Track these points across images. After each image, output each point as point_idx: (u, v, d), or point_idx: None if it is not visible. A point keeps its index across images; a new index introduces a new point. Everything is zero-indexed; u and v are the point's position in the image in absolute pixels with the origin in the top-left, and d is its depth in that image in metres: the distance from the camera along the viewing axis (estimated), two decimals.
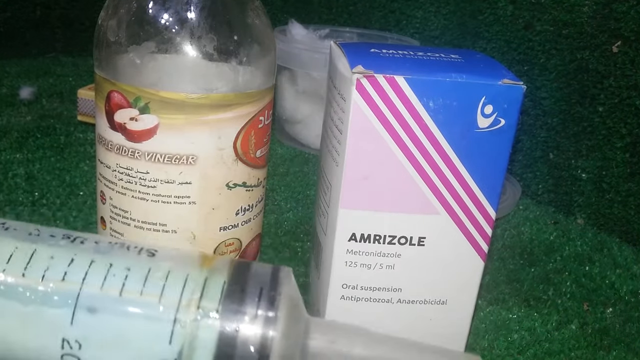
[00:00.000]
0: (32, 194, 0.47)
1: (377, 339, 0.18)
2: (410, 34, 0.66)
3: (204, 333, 0.16)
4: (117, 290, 0.17)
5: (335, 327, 0.18)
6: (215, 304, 0.17)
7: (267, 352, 0.16)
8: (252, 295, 0.17)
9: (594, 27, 0.50)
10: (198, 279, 0.17)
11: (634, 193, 0.49)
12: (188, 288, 0.17)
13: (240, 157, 0.29)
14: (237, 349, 0.16)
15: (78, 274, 0.17)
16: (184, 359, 0.16)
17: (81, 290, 0.17)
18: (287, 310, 0.17)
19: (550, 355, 0.35)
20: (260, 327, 0.16)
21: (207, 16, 0.26)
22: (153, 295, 0.17)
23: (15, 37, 0.83)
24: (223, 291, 0.17)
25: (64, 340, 0.16)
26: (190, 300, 0.17)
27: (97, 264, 0.17)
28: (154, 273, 0.17)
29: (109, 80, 0.27)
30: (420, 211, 0.28)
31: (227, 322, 0.16)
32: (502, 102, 0.26)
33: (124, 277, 0.17)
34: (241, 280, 0.17)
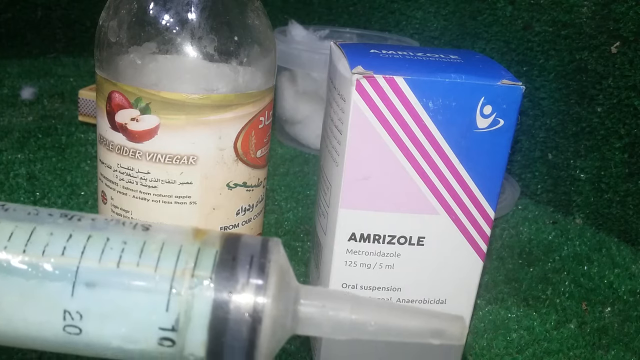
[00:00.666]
0: (33, 194, 0.47)
1: (365, 303, 0.19)
2: (410, 34, 0.66)
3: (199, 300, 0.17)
4: (115, 262, 0.17)
5: (324, 293, 0.19)
6: (209, 273, 0.17)
7: (260, 316, 0.17)
8: (243, 263, 0.18)
9: (592, 27, 0.50)
10: (191, 249, 0.18)
11: (632, 193, 0.49)
12: (182, 258, 0.18)
13: (241, 157, 0.29)
14: (230, 314, 0.17)
15: (76, 249, 0.17)
16: (181, 325, 0.17)
17: (80, 263, 0.17)
18: (277, 276, 0.18)
19: (549, 355, 0.35)
20: (252, 293, 0.17)
21: (208, 17, 0.27)
22: (149, 267, 0.17)
23: (16, 38, 0.83)
24: (215, 260, 0.18)
25: (66, 311, 0.17)
26: (185, 270, 0.17)
27: (94, 239, 0.18)
28: (149, 245, 0.18)
29: (110, 80, 0.27)
30: (419, 211, 0.28)
31: (221, 289, 0.17)
32: (501, 102, 0.27)
33: (120, 250, 0.18)
34: (232, 250, 0.18)
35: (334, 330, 0.19)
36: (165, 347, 0.17)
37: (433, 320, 0.19)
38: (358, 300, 0.19)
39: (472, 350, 0.35)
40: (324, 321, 0.19)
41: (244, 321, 0.17)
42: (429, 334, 0.19)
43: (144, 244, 0.18)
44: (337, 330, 0.19)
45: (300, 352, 0.34)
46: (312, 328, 0.19)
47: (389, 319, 0.19)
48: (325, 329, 0.19)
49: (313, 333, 0.19)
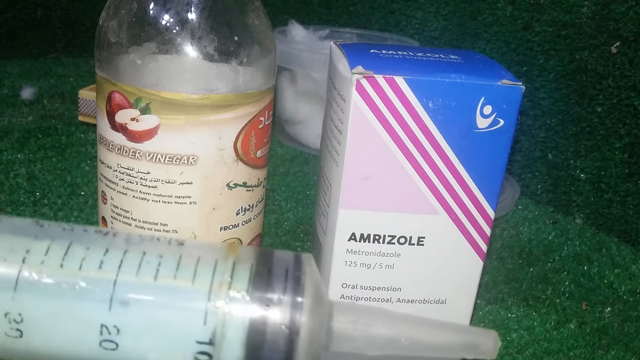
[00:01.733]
0: (33, 194, 0.47)
1: (397, 318, 0.19)
2: (410, 34, 0.66)
3: (236, 313, 0.17)
4: (152, 276, 0.17)
5: (357, 309, 0.19)
6: (245, 285, 0.17)
7: (297, 329, 0.17)
8: (279, 276, 0.18)
9: (592, 27, 0.50)
10: (227, 263, 0.18)
11: (632, 193, 0.49)
12: (218, 272, 0.18)
13: (241, 157, 0.29)
14: (268, 327, 0.17)
15: (114, 263, 0.17)
16: (218, 338, 0.17)
17: (117, 277, 0.17)
18: (312, 290, 0.18)
19: (549, 355, 0.35)
20: (289, 306, 0.17)
21: (208, 17, 0.27)
22: (186, 280, 0.17)
23: (16, 38, 0.83)
24: (251, 274, 0.18)
25: (103, 326, 0.17)
26: (222, 283, 0.17)
27: (130, 253, 0.18)
28: (185, 259, 0.18)
29: (110, 80, 0.27)
30: (419, 211, 0.28)
31: (257, 301, 0.17)
32: (501, 102, 0.27)
33: (157, 264, 0.18)
34: (267, 263, 0.18)
35: (368, 345, 0.18)
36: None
37: (466, 334, 0.19)
38: (391, 315, 0.19)
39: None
40: (358, 336, 0.18)
41: (281, 334, 0.17)
42: (462, 348, 0.19)
43: (180, 257, 0.18)
44: (371, 346, 0.18)
45: None
46: (346, 343, 0.19)
47: (421, 334, 0.19)
48: (359, 344, 0.18)
49: (347, 349, 0.19)
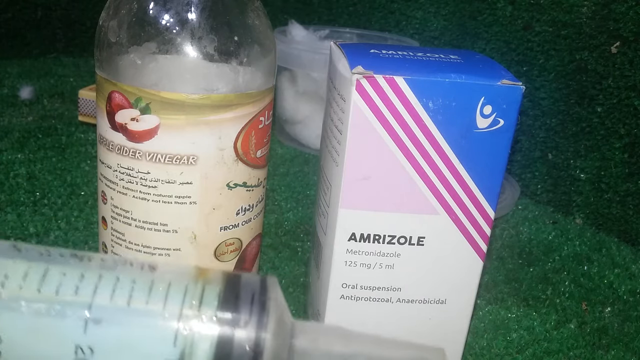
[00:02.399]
0: (33, 194, 0.47)
1: (354, 336, 0.20)
2: (410, 34, 0.66)
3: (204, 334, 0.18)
4: (125, 300, 0.19)
5: (317, 328, 0.20)
6: (213, 310, 0.19)
7: (261, 350, 0.18)
8: (246, 301, 0.19)
9: (592, 27, 0.50)
10: (196, 288, 0.19)
11: (632, 193, 0.49)
12: (188, 296, 0.19)
13: (241, 157, 0.29)
14: (234, 348, 0.18)
15: (89, 288, 0.19)
16: (186, 357, 0.18)
17: (93, 301, 0.18)
18: (276, 313, 0.19)
19: (549, 355, 0.35)
20: (254, 328, 0.19)
21: (208, 17, 0.27)
22: (158, 304, 0.19)
23: (16, 38, 0.83)
24: (220, 298, 0.19)
25: (77, 347, 0.18)
26: (191, 307, 0.19)
27: (105, 279, 0.19)
28: (156, 284, 0.19)
29: (110, 80, 0.27)
30: (419, 211, 0.28)
31: (225, 324, 0.18)
32: (501, 102, 0.27)
33: (130, 289, 0.19)
34: (234, 288, 0.19)
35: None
36: None
37: (416, 351, 0.21)
38: (348, 334, 0.20)
39: (472, 350, 0.35)
40: (317, 354, 0.20)
41: (246, 354, 0.18)
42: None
43: (152, 282, 0.19)
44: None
45: None
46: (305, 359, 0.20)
47: (376, 350, 0.20)
48: None
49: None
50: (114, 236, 0.29)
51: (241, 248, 0.30)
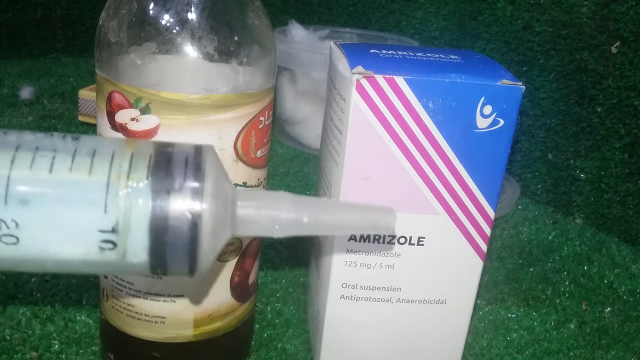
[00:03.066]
0: None
1: (301, 201, 0.19)
2: (410, 34, 0.66)
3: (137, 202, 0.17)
4: (47, 170, 0.17)
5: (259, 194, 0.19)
6: (144, 174, 0.17)
7: (200, 213, 0.17)
8: (179, 164, 0.18)
9: (592, 27, 0.50)
10: (124, 154, 0.18)
11: (632, 193, 0.49)
12: (116, 162, 0.18)
13: (241, 157, 0.29)
14: (170, 213, 0.17)
15: (5, 159, 0.17)
16: (121, 227, 0.17)
17: (11, 172, 0.17)
18: (213, 176, 0.18)
19: (549, 355, 0.35)
20: (190, 191, 0.17)
21: (208, 17, 0.27)
22: (82, 171, 0.17)
23: (16, 38, 0.83)
24: (150, 163, 0.18)
25: (1, 220, 0.17)
26: (120, 173, 0.17)
27: (23, 149, 0.18)
28: (80, 152, 0.18)
29: (110, 80, 0.27)
30: (419, 211, 0.28)
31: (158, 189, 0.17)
32: (501, 102, 0.27)
33: (51, 157, 0.17)
34: (166, 153, 0.18)
35: (272, 227, 0.19)
36: (107, 250, 0.17)
37: (366, 213, 0.20)
38: (294, 198, 0.19)
39: (472, 350, 0.35)
40: (262, 219, 0.19)
41: (184, 218, 0.17)
42: (364, 226, 0.20)
43: (75, 151, 0.18)
44: (275, 228, 0.19)
45: (300, 352, 0.34)
46: (251, 227, 0.19)
47: (323, 214, 0.19)
48: (263, 227, 0.19)
49: (252, 232, 0.19)
50: None
51: (241, 248, 0.30)
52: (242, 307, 0.31)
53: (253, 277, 0.32)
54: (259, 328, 0.35)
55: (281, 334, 0.35)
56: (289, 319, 0.36)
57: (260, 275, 0.40)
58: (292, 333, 0.35)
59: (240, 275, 0.31)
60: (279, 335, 0.35)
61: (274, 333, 0.35)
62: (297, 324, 0.36)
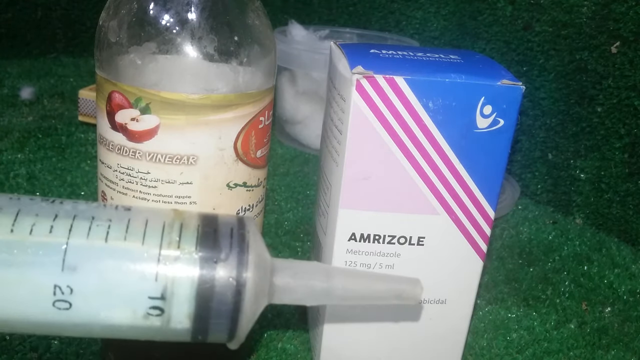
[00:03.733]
0: (33, 194, 0.47)
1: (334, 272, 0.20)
2: (410, 34, 0.66)
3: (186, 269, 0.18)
4: (103, 238, 0.18)
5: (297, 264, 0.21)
6: (193, 244, 0.19)
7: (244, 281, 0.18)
8: (225, 235, 0.19)
9: (592, 27, 0.50)
10: (174, 225, 0.19)
11: (632, 193, 0.49)
12: (166, 232, 0.19)
13: (241, 157, 0.29)
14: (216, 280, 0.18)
15: (64, 227, 0.18)
16: (169, 294, 0.18)
17: (69, 240, 0.18)
18: (256, 247, 0.19)
19: (549, 355, 0.35)
20: (235, 261, 0.18)
21: (208, 17, 0.27)
22: (136, 241, 0.18)
23: (16, 38, 0.83)
24: (198, 233, 0.19)
25: (56, 286, 0.17)
26: (170, 242, 0.18)
27: (80, 218, 0.18)
28: (133, 222, 0.19)
29: (110, 80, 0.27)
30: (419, 211, 0.28)
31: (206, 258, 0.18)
32: (501, 102, 0.27)
33: (107, 227, 0.18)
34: (212, 224, 0.19)
35: (306, 296, 0.20)
36: (153, 316, 0.18)
37: (394, 283, 0.21)
38: (328, 269, 0.20)
39: (472, 350, 0.35)
40: (297, 288, 0.20)
41: (229, 286, 0.18)
42: (392, 295, 0.21)
43: (129, 220, 0.19)
44: (309, 296, 0.20)
45: (300, 352, 0.34)
46: (287, 295, 0.20)
47: (355, 285, 0.20)
48: (298, 296, 0.20)
49: (288, 301, 0.20)
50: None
51: None
52: None
53: None
54: (259, 328, 0.35)
55: (281, 334, 0.35)
56: (289, 319, 0.36)
57: None
58: (292, 333, 0.35)
59: None
60: (279, 335, 0.35)
61: (274, 333, 0.35)
62: (297, 324, 0.36)
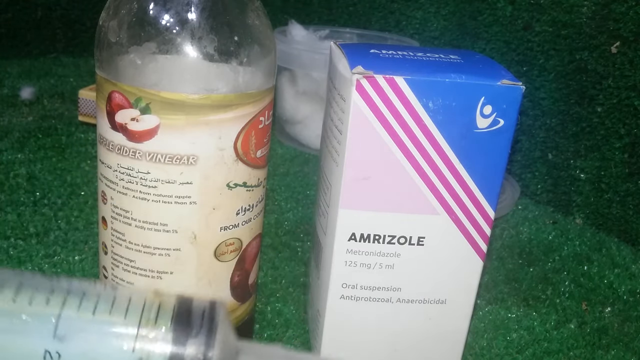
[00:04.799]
0: (33, 194, 0.47)
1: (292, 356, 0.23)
2: (410, 34, 0.66)
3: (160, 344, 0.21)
4: (91, 311, 0.21)
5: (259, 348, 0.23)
6: (168, 321, 0.22)
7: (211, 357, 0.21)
8: (197, 316, 0.22)
9: (592, 27, 0.50)
10: (153, 304, 0.22)
11: (632, 193, 0.49)
12: (146, 310, 0.22)
13: (241, 157, 0.29)
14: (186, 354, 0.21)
15: (58, 300, 0.21)
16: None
17: (62, 311, 0.21)
18: (224, 329, 0.22)
19: (549, 355, 0.35)
20: (204, 337, 0.21)
21: (208, 17, 0.27)
22: (120, 315, 0.21)
23: (16, 38, 0.83)
24: (174, 312, 0.22)
25: (46, 351, 0.21)
26: (149, 319, 0.21)
27: (73, 293, 0.22)
28: (118, 299, 0.22)
29: (110, 80, 0.27)
30: (419, 211, 0.28)
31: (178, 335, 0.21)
32: (501, 102, 0.27)
33: (95, 301, 0.22)
34: (187, 305, 0.22)
35: None
36: None
37: None
38: (290, 355, 0.23)
39: (472, 350, 0.35)
40: None
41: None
42: None
43: (115, 298, 0.22)
44: None
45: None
46: None
47: None
48: None
49: None
50: (114, 236, 0.29)
51: (241, 248, 0.30)
52: (242, 307, 0.31)
53: (253, 277, 0.32)
54: (259, 328, 0.35)
55: (281, 334, 0.35)
56: (289, 319, 0.36)
57: (260, 275, 0.40)
58: (292, 333, 0.35)
59: (240, 275, 0.31)
60: (279, 335, 0.35)
61: (274, 333, 0.35)
62: (297, 324, 0.36)
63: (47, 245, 0.40)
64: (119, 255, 0.29)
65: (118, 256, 0.29)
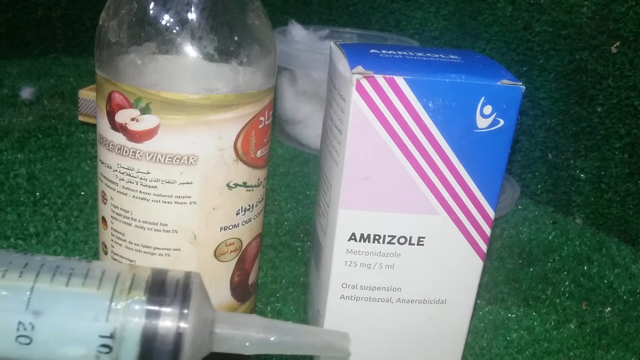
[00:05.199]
0: (33, 194, 0.47)
1: (268, 323, 0.23)
2: (410, 34, 0.66)
3: (134, 314, 0.21)
4: (64, 284, 0.22)
5: (235, 316, 0.23)
6: (142, 292, 0.22)
7: (184, 328, 0.21)
8: (171, 286, 0.22)
9: (592, 27, 0.50)
10: (127, 275, 0.22)
11: (632, 193, 0.49)
12: (120, 281, 0.22)
13: (241, 157, 0.29)
14: (159, 325, 0.21)
15: (32, 273, 0.22)
16: (117, 334, 0.21)
17: (35, 284, 0.21)
18: (198, 297, 0.22)
19: (549, 355, 0.35)
20: (177, 309, 0.21)
21: (208, 17, 0.27)
22: (93, 287, 0.22)
23: (16, 38, 0.83)
24: (147, 283, 0.22)
25: (20, 323, 0.21)
26: (122, 290, 0.22)
27: (46, 266, 0.22)
28: (92, 272, 0.22)
29: (110, 80, 0.27)
30: (419, 211, 0.28)
31: (152, 304, 0.21)
32: (501, 102, 0.27)
33: (69, 274, 0.22)
34: (162, 275, 0.23)
35: (243, 345, 0.23)
36: (103, 354, 0.21)
37: (325, 336, 0.24)
38: (265, 322, 0.23)
39: (472, 350, 0.35)
40: (235, 338, 0.22)
41: (172, 329, 0.21)
42: (322, 348, 0.23)
43: (88, 270, 0.22)
44: (248, 346, 0.23)
45: None
46: (226, 343, 0.23)
47: (288, 337, 0.23)
48: (237, 344, 0.23)
49: (227, 349, 0.23)
50: (114, 236, 0.29)
51: (241, 248, 0.30)
52: (242, 307, 0.31)
53: (253, 277, 0.32)
54: None
55: None
56: (289, 319, 0.36)
57: (260, 275, 0.40)
58: None
59: (240, 275, 0.31)
60: None
61: None
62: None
63: (47, 245, 0.40)
64: (119, 255, 0.29)
65: (118, 256, 0.29)
